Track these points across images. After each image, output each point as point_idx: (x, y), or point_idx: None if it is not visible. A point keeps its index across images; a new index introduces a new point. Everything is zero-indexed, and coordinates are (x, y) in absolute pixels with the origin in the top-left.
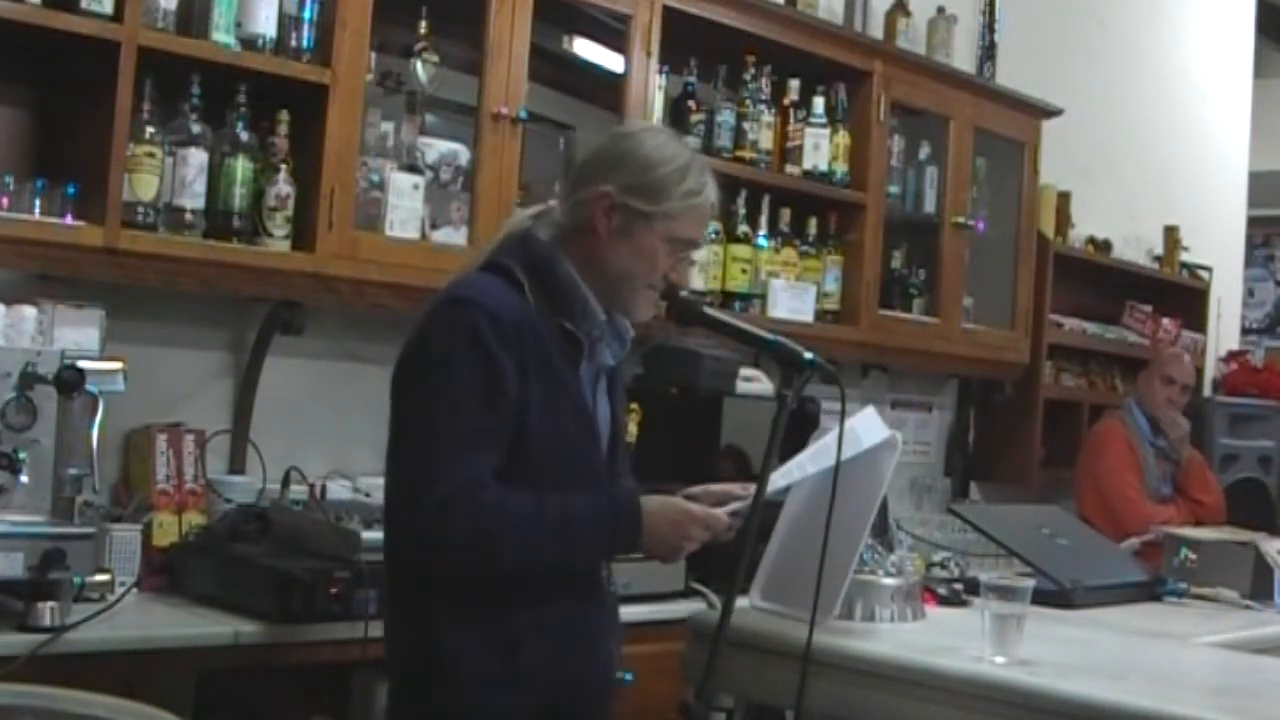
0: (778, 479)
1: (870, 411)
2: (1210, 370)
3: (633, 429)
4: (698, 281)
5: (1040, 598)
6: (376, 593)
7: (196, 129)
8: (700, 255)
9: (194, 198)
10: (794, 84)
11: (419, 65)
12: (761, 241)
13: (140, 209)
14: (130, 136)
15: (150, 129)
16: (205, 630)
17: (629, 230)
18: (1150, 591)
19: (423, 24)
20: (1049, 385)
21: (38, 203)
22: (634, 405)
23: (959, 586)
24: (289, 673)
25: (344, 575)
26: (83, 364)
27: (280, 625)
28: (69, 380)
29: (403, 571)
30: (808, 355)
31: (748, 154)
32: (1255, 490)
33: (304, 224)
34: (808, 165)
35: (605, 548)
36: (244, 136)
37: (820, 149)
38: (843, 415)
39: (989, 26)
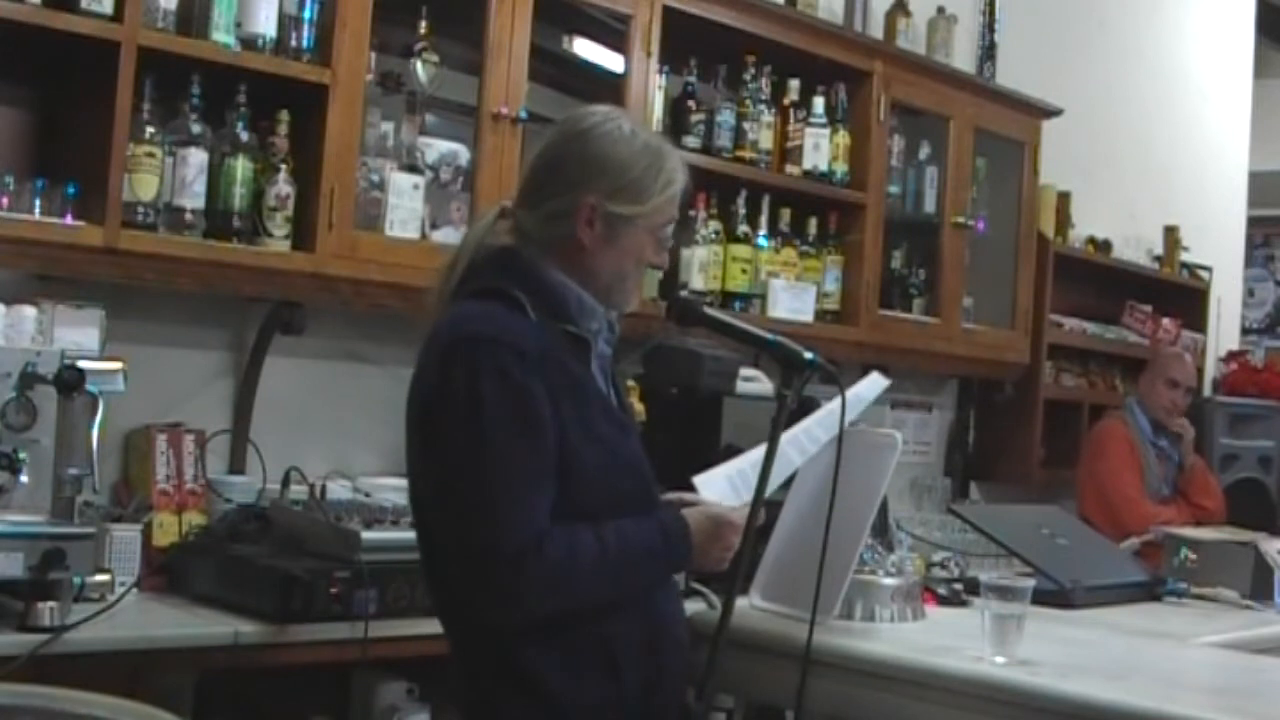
0: (793, 453)
1: (874, 376)
2: (1210, 370)
3: (639, 406)
4: (698, 281)
5: (1040, 598)
6: (377, 593)
7: (196, 129)
8: (700, 255)
9: (194, 198)
10: (794, 84)
11: (419, 65)
12: (761, 241)
13: (140, 209)
14: (130, 136)
15: (150, 129)
16: (205, 630)
17: (614, 236)
18: (1150, 591)
19: (423, 24)
20: (1049, 385)
21: (38, 203)
22: (630, 383)
23: (959, 586)
24: (289, 673)
25: (344, 575)
26: (83, 364)
27: (280, 625)
28: (69, 380)
29: (469, 616)
30: (808, 355)
31: (748, 154)
32: (1255, 490)
33: (304, 224)
34: (808, 165)
35: (661, 575)
36: (244, 136)
37: (820, 149)
38: (843, 416)
39: (989, 26)
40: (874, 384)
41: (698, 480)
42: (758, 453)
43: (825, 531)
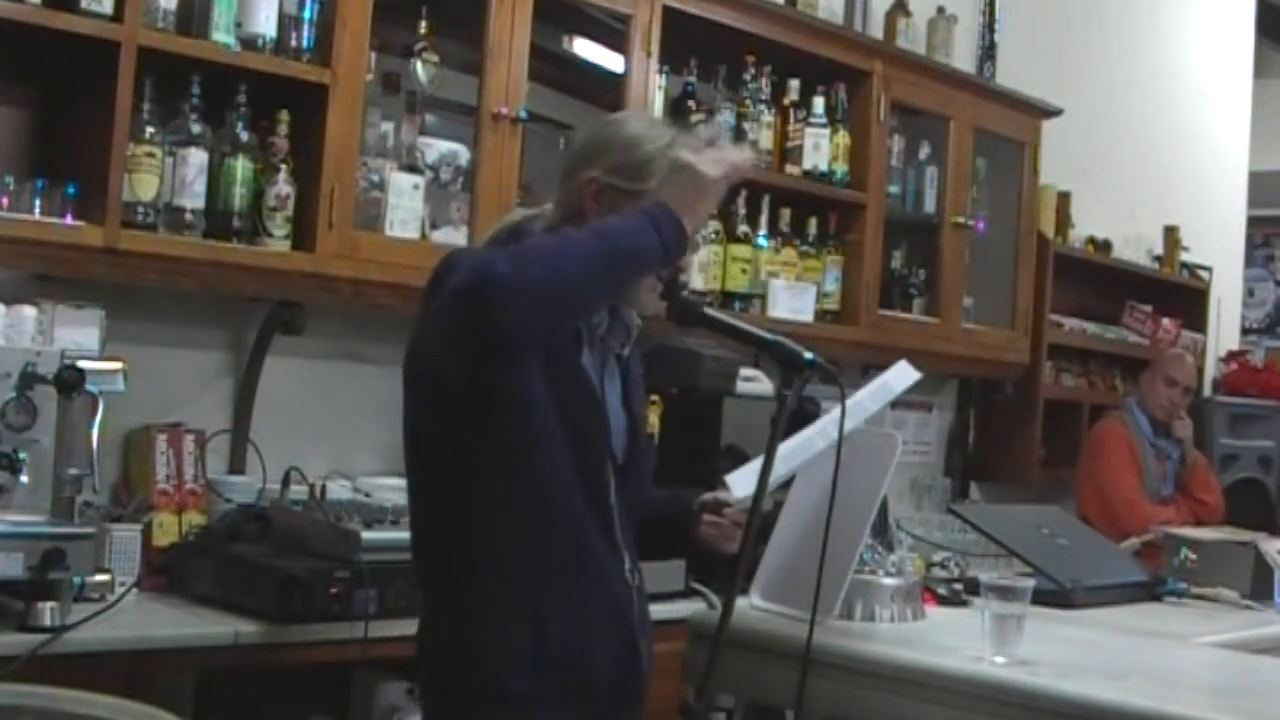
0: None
1: (903, 364)
2: (1210, 370)
3: (653, 419)
4: (698, 281)
5: (1040, 598)
6: (377, 593)
7: (196, 129)
8: (700, 255)
9: (194, 198)
10: (794, 84)
11: (419, 65)
12: (761, 241)
13: (140, 209)
14: (130, 136)
15: (150, 129)
16: (205, 630)
17: (618, 213)
18: (1150, 591)
19: (423, 24)
20: (1049, 385)
21: (38, 203)
22: (654, 398)
23: (959, 586)
24: (289, 673)
25: (344, 575)
26: (83, 364)
27: (280, 625)
28: (69, 380)
29: (441, 543)
30: (808, 355)
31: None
32: (1255, 490)
33: (304, 224)
34: (808, 165)
35: (651, 233)
36: (244, 136)
37: (820, 149)
38: (842, 417)
39: (989, 26)
40: (907, 375)
41: (729, 478)
42: (789, 444)
43: (825, 531)
